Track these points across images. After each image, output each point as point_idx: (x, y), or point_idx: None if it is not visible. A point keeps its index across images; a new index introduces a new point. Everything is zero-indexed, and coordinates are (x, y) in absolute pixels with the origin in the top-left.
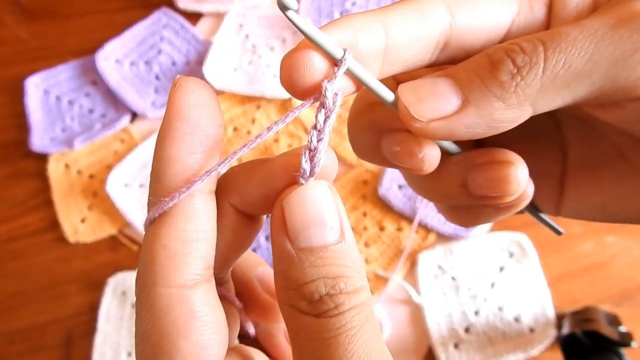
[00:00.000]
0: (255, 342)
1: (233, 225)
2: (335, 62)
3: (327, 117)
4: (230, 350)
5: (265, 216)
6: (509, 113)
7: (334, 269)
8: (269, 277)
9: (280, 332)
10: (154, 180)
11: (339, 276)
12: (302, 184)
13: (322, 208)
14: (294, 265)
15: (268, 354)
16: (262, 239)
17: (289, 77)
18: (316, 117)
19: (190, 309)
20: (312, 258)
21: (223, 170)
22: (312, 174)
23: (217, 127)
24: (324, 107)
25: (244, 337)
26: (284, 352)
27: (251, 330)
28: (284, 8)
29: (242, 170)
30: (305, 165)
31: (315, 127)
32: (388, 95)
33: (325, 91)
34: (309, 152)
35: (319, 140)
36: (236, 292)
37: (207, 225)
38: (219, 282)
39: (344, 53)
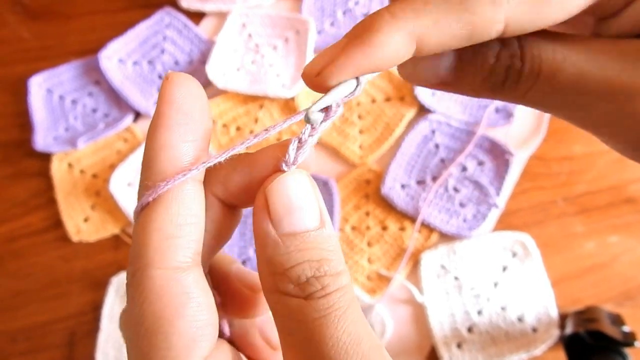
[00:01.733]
0: (229, 342)
1: (215, 216)
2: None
3: (324, 120)
4: (220, 339)
5: (243, 211)
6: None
7: (318, 252)
8: (246, 272)
9: (255, 331)
10: (146, 167)
11: (322, 259)
12: (284, 172)
13: (303, 194)
14: (279, 250)
15: (243, 354)
16: (250, 251)
17: (311, 80)
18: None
19: (185, 290)
20: (296, 242)
21: (218, 162)
22: (295, 162)
23: (207, 118)
24: (327, 111)
25: (218, 337)
26: (260, 351)
27: (226, 329)
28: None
29: (226, 162)
30: (292, 152)
31: (312, 124)
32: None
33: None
34: (298, 142)
35: (310, 135)
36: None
37: (199, 211)
38: None
39: (357, 84)
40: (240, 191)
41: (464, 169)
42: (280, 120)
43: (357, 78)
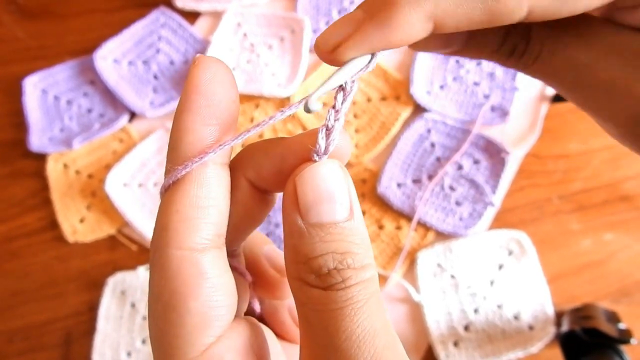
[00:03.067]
0: (260, 319)
1: (247, 199)
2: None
3: (344, 100)
4: (240, 318)
5: (278, 195)
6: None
7: (343, 244)
8: (276, 254)
9: (285, 310)
10: (171, 149)
11: (347, 252)
12: (316, 161)
13: (333, 185)
14: (304, 240)
15: (273, 331)
16: (278, 231)
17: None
18: (335, 97)
19: (200, 271)
20: (321, 233)
21: (235, 144)
22: (326, 151)
23: (232, 102)
24: (343, 90)
25: (249, 314)
26: (288, 329)
27: (257, 307)
28: (308, 110)
29: (258, 146)
30: (321, 142)
31: (333, 106)
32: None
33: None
34: (326, 130)
35: (335, 120)
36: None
37: (219, 194)
38: (231, 255)
39: (371, 58)
40: (271, 176)
41: (460, 167)
42: (295, 103)
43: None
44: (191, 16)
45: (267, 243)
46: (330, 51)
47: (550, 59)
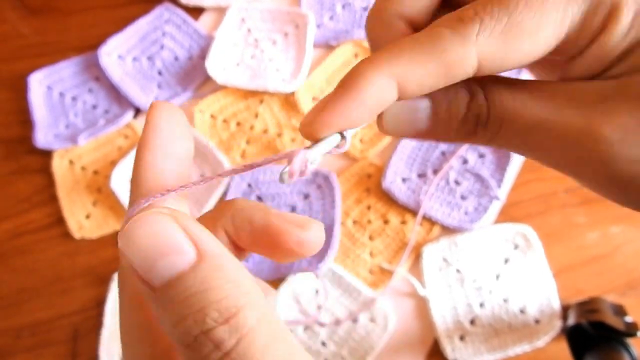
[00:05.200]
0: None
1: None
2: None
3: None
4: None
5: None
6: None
7: (199, 296)
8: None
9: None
10: (132, 184)
11: (206, 305)
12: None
13: (161, 237)
14: (158, 311)
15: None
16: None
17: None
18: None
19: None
20: (170, 295)
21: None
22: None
23: (187, 140)
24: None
25: None
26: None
27: None
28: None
29: (235, 203)
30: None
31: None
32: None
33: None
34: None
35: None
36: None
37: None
38: None
39: (339, 139)
40: (242, 234)
41: (465, 161)
42: (262, 158)
43: (341, 133)
44: (195, 12)
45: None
46: (306, 125)
47: (514, 123)
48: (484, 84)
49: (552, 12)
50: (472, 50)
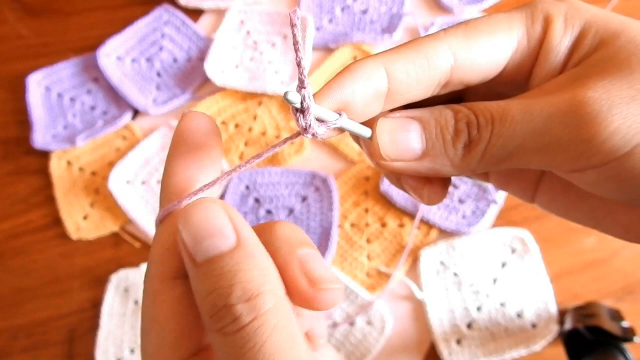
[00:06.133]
0: None
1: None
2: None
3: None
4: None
5: None
6: (452, 172)
7: (229, 276)
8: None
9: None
10: (161, 191)
11: (235, 284)
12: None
13: (211, 221)
14: (195, 282)
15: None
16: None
17: None
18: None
19: (178, 297)
20: (208, 270)
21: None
22: (309, 131)
23: (214, 148)
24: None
25: None
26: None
27: None
28: (289, 102)
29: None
30: (302, 122)
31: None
32: (367, 132)
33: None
34: (299, 112)
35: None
36: None
37: None
38: None
39: (338, 117)
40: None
41: None
42: (279, 141)
43: (340, 114)
44: (194, 14)
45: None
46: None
47: (504, 118)
48: (463, 103)
49: (500, 22)
50: (444, 44)
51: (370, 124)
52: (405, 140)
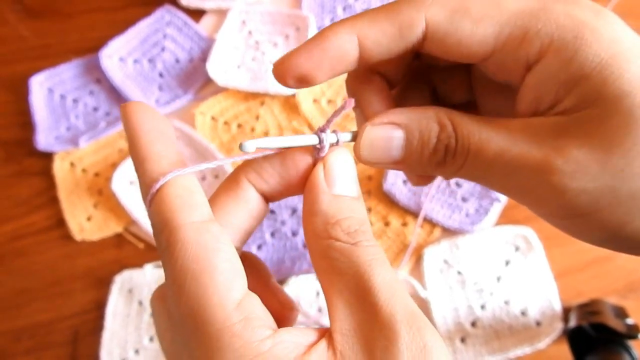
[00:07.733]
0: None
1: (252, 201)
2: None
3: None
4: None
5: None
6: (427, 175)
7: (360, 213)
8: (281, 289)
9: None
10: (141, 168)
11: (364, 220)
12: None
13: (351, 168)
14: (333, 204)
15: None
16: (267, 235)
17: None
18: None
19: (216, 236)
20: (346, 201)
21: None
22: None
23: (167, 128)
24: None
25: None
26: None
27: None
28: (243, 148)
29: (260, 157)
30: (326, 143)
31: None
32: (348, 137)
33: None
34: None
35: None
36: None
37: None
38: None
39: (319, 138)
40: (271, 179)
41: None
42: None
43: (318, 136)
44: (196, 14)
45: (271, 276)
46: (279, 64)
47: (478, 155)
48: (452, 117)
49: (491, 12)
50: (422, 15)
51: (362, 107)
52: (385, 148)
